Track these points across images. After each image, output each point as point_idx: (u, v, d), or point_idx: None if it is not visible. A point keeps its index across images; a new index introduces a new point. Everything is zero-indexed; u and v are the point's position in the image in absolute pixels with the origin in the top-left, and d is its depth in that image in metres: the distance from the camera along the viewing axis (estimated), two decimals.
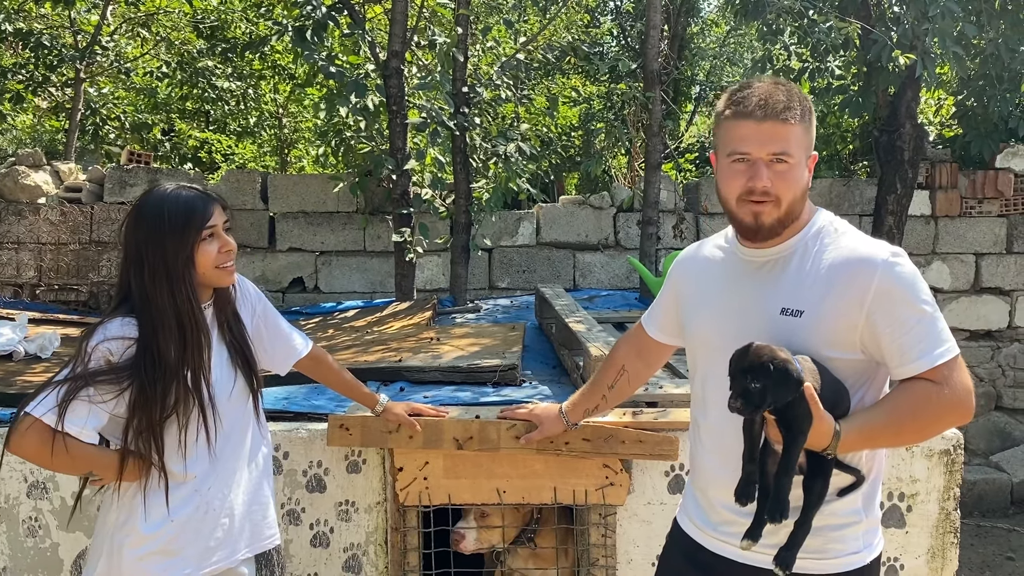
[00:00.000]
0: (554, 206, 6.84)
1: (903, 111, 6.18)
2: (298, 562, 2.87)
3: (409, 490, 2.79)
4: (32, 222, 6.31)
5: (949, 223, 7.04)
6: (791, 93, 1.76)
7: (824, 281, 1.75)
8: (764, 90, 1.75)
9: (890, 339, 1.71)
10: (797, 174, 1.75)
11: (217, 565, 2.17)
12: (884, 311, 1.70)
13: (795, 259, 1.80)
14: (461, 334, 4.27)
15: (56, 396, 1.94)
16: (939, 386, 1.69)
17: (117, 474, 2.05)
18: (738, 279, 1.88)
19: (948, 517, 2.87)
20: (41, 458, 1.99)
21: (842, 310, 1.72)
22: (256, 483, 2.27)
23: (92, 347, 1.99)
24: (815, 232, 1.81)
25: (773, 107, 1.72)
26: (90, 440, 2.00)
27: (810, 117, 1.78)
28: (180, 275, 2.03)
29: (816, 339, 1.73)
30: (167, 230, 2.01)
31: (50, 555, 2.86)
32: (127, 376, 1.98)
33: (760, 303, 1.81)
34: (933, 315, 1.71)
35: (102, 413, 1.99)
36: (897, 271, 1.71)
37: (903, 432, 1.75)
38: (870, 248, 1.75)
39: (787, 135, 1.72)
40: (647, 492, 2.83)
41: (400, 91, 5.19)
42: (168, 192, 2.08)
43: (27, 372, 3.74)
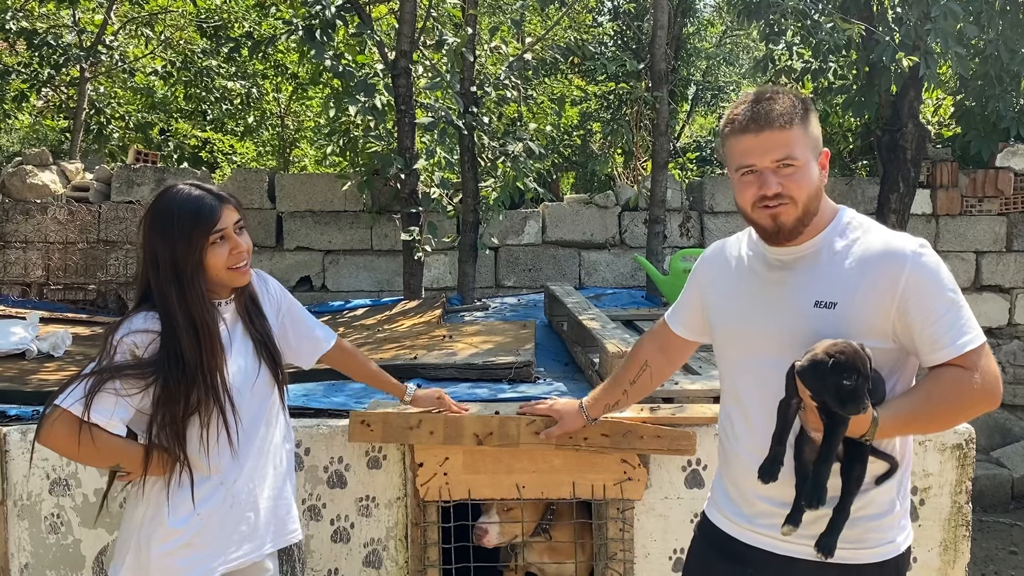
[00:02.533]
0: (560, 205, 6.88)
1: (905, 111, 6.23)
2: (319, 557, 2.89)
3: (429, 485, 2.81)
4: (40, 221, 6.32)
5: (950, 221, 7.09)
6: (785, 98, 1.81)
7: (856, 273, 1.79)
8: (758, 101, 1.81)
9: (921, 328, 1.76)
10: (806, 173, 1.80)
11: (243, 559, 2.19)
12: (915, 301, 1.75)
13: (824, 254, 1.85)
14: (473, 332, 4.30)
15: (84, 388, 1.97)
16: (969, 372, 1.74)
17: (143, 467, 2.07)
18: (768, 276, 1.92)
19: (960, 511, 2.91)
20: (69, 449, 2.01)
21: (875, 300, 1.77)
22: (281, 478, 2.29)
23: (118, 340, 2.02)
24: (842, 227, 1.86)
25: (768, 116, 1.78)
26: (117, 432, 2.02)
27: (810, 116, 1.83)
28: (189, 279, 2.04)
29: (850, 329, 1.77)
30: (176, 234, 2.02)
31: (72, 551, 2.88)
32: (152, 372, 2.01)
33: (793, 297, 1.85)
34: (960, 304, 1.77)
35: (128, 406, 2.02)
36: (925, 262, 1.76)
37: (936, 418, 1.81)
38: (899, 240, 1.81)
39: (787, 140, 1.78)
40: (664, 487, 2.86)
41: (408, 91, 5.22)
42: (178, 194, 2.08)
43: (41, 371, 3.76)
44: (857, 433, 1.73)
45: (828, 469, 1.75)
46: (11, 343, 4.03)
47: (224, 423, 2.09)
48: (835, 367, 1.68)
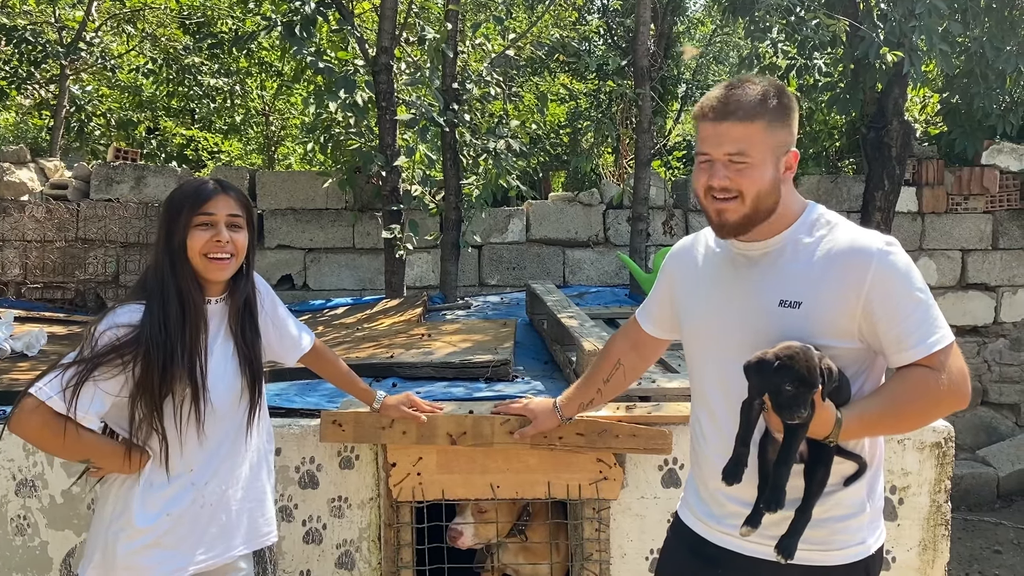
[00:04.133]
0: (544, 203, 6.84)
1: (890, 108, 6.22)
2: (291, 559, 2.85)
3: (402, 486, 2.78)
4: (17, 219, 6.25)
5: (936, 219, 7.08)
6: (758, 91, 1.75)
7: (820, 271, 1.76)
8: (727, 90, 1.77)
9: (887, 327, 1.72)
10: (759, 171, 1.76)
11: (213, 561, 2.17)
12: (881, 300, 1.72)
13: (788, 251, 1.81)
14: (452, 330, 4.27)
15: (61, 379, 1.95)
16: (936, 372, 1.71)
17: (114, 465, 2.04)
18: (734, 272, 1.89)
19: (939, 510, 2.88)
20: (42, 439, 1.99)
21: (839, 299, 1.74)
22: (254, 479, 2.26)
23: (100, 332, 2.00)
24: (808, 224, 1.82)
25: (727, 107, 1.74)
26: (91, 425, 2.01)
27: (782, 114, 1.77)
28: (177, 255, 2.06)
29: (815, 329, 1.74)
30: (172, 211, 2.09)
31: (39, 553, 2.84)
32: (131, 351, 1.99)
33: (758, 295, 1.82)
34: (928, 303, 1.73)
35: (106, 398, 1.99)
36: (892, 260, 1.73)
37: (903, 418, 1.77)
38: (865, 238, 1.77)
39: (743, 135, 1.73)
40: (641, 486, 2.83)
41: (389, 87, 5.18)
42: (191, 180, 2.18)
43: (13, 370, 3.70)
44: (820, 435, 1.70)
45: (787, 472, 1.72)
46: None
47: (195, 411, 2.06)
48: (779, 369, 1.65)
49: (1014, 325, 7.25)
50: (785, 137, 1.79)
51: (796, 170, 1.84)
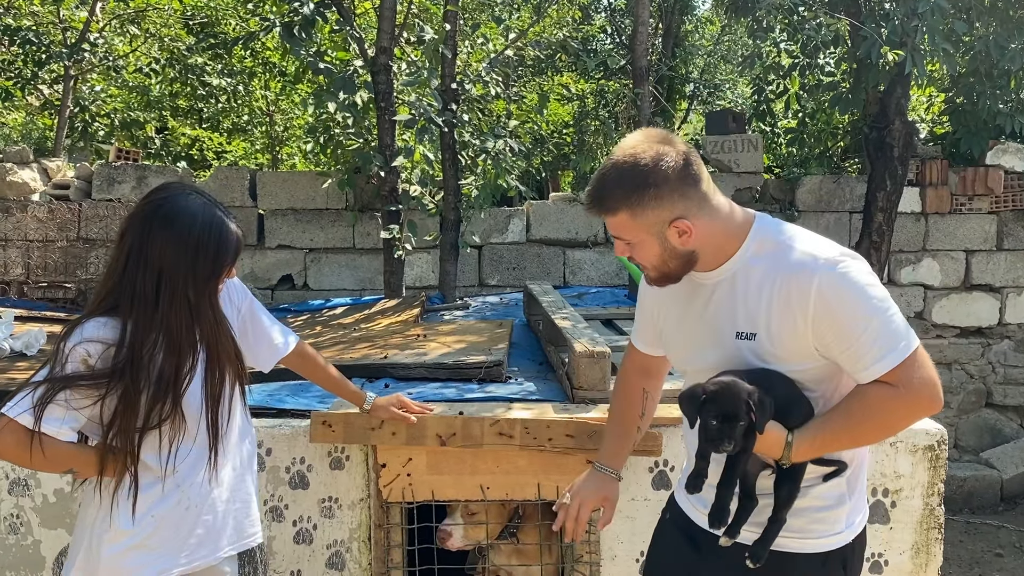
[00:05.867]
0: (544, 203, 6.83)
1: (893, 108, 6.18)
2: (281, 559, 2.86)
3: (392, 486, 2.78)
4: (19, 219, 6.28)
5: (939, 220, 7.04)
6: (613, 182, 1.72)
7: (768, 299, 1.74)
8: (595, 180, 1.78)
9: (840, 348, 1.71)
10: (643, 249, 1.79)
11: (198, 562, 2.16)
12: (828, 321, 1.69)
13: (739, 279, 1.80)
14: (448, 331, 4.26)
15: (32, 397, 1.92)
16: (895, 388, 1.68)
17: (96, 470, 2.04)
18: (696, 302, 1.89)
19: (932, 513, 2.87)
20: (19, 458, 1.97)
21: (789, 326, 1.72)
22: (239, 480, 2.25)
23: (70, 348, 1.96)
24: (754, 248, 1.79)
25: (592, 201, 1.77)
26: (68, 439, 1.99)
27: (639, 199, 1.71)
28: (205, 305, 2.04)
29: (773, 357, 1.75)
30: (199, 257, 2.00)
31: (32, 552, 2.85)
32: (105, 384, 1.96)
33: (718, 326, 1.83)
34: (883, 315, 1.68)
35: (79, 414, 1.98)
36: (835, 276, 1.69)
37: (860, 436, 1.77)
38: (809, 255, 1.73)
39: (612, 224, 1.77)
40: (631, 488, 2.82)
41: (388, 87, 5.18)
42: (200, 210, 2.03)
43: (11, 369, 3.72)
44: (771, 456, 1.72)
45: (729, 493, 1.75)
46: None
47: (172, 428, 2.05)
48: (705, 403, 1.69)
49: (1019, 326, 7.20)
50: (659, 215, 1.73)
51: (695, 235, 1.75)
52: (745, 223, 1.81)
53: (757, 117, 7.33)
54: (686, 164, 1.72)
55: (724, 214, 1.79)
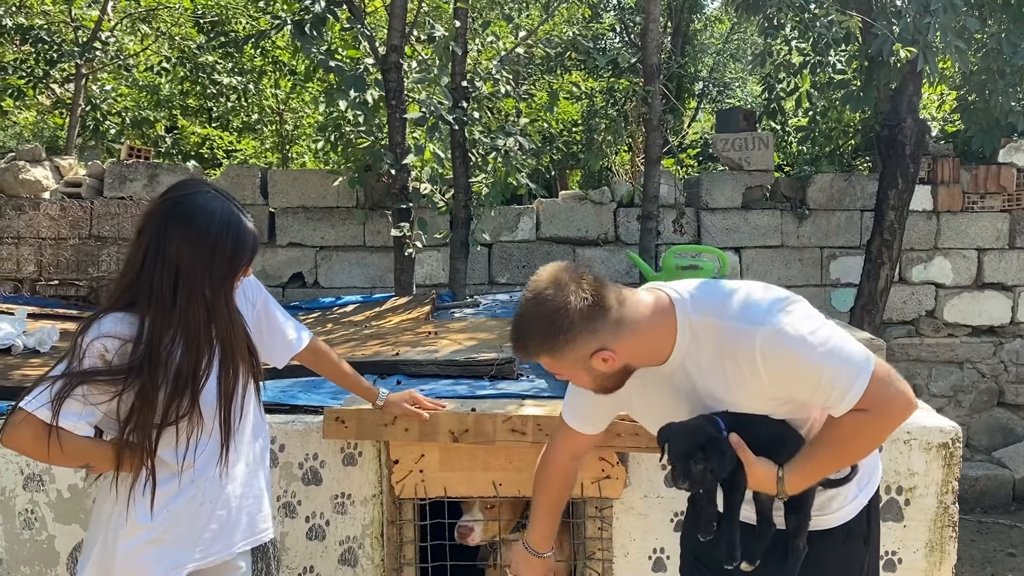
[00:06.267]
0: (554, 201, 6.83)
1: (904, 105, 6.15)
2: (294, 555, 2.86)
3: (405, 483, 2.78)
4: (32, 217, 6.31)
5: (951, 218, 7.01)
6: (527, 329, 1.77)
7: (722, 380, 1.80)
8: (514, 322, 1.81)
9: (804, 395, 1.78)
10: (578, 379, 1.88)
11: (213, 557, 2.17)
12: (783, 379, 1.76)
13: (689, 366, 1.84)
14: (459, 328, 4.27)
15: (50, 392, 1.93)
16: (865, 413, 1.74)
17: (113, 465, 2.05)
18: (659, 385, 1.93)
19: (947, 511, 2.85)
20: (36, 452, 1.98)
21: (751, 394, 1.79)
22: (252, 475, 2.26)
23: (87, 343, 1.98)
24: (688, 340, 1.81)
25: (514, 346, 1.83)
26: (85, 434, 2.00)
27: (552, 345, 1.76)
28: (220, 303, 2.05)
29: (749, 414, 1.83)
30: (216, 256, 2.01)
31: (46, 547, 2.86)
32: (123, 380, 1.97)
33: (688, 408, 1.89)
34: (830, 358, 1.72)
35: (96, 409, 1.99)
36: (773, 336, 1.72)
37: (846, 458, 1.86)
38: (740, 325, 1.75)
39: (541, 362, 1.83)
40: (643, 485, 2.82)
41: (399, 85, 5.18)
42: (217, 208, 2.04)
43: (25, 366, 3.74)
44: (767, 491, 1.81)
45: (733, 527, 1.83)
46: None
47: (190, 424, 2.06)
48: (680, 451, 1.80)
49: None
50: (577, 353, 1.78)
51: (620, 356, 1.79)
52: (667, 318, 1.82)
53: (768, 115, 7.31)
54: (591, 302, 1.73)
55: (644, 324, 1.79)
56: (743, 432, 1.79)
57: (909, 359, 6.86)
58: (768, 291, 1.81)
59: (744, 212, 6.80)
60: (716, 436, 1.76)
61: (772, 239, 6.85)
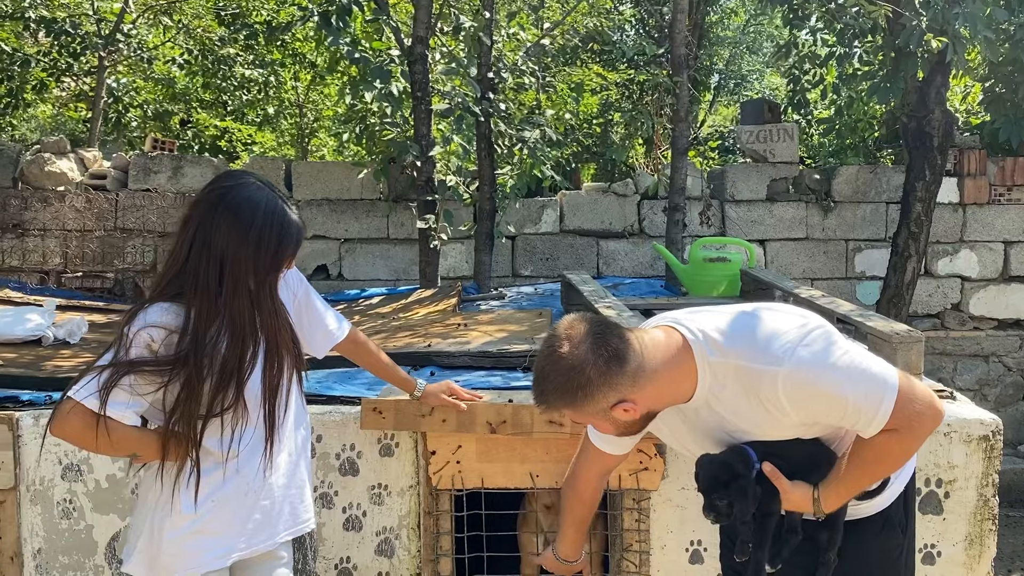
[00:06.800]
0: (577, 193, 6.81)
1: (932, 97, 6.09)
2: (331, 545, 2.87)
3: (442, 474, 2.78)
4: (57, 209, 6.34)
5: (977, 211, 6.95)
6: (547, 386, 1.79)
7: (748, 417, 1.81)
8: (534, 376, 1.84)
9: (832, 420, 1.80)
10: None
11: (257, 547, 2.18)
12: (809, 410, 1.77)
13: (714, 405, 1.85)
14: (488, 320, 4.26)
15: (98, 381, 1.94)
16: (896, 432, 1.76)
17: (158, 454, 2.05)
18: (686, 418, 1.94)
19: (986, 504, 2.84)
20: (85, 441, 1.99)
21: (776, 424, 1.80)
22: (294, 466, 2.26)
23: (134, 333, 1.98)
24: (710, 381, 1.81)
25: (536, 400, 1.84)
26: (132, 423, 2.01)
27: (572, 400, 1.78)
28: (265, 295, 2.06)
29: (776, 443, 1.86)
30: (260, 249, 2.01)
31: (84, 537, 2.88)
32: (169, 370, 1.97)
33: (717, 439, 1.91)
34: (854, 385, 1.73)
35: (143, 399, 2.00)
36: (793, 371, 1.72)
37: (878, 475, 1.89)
38: (759, 364, 1.75)
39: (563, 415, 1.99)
40: (681, 477, 2.81)
41: (424, 77, 5.17)
42: (263, 200, 2.04)
43: (56, 357, 3.76)
44: (805, 512, 1.85)
45: (763, 555, 1.88)
46: (27, 329, 4.04)
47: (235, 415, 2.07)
48: (705, 485, 1.88)
49: None
50: (597, 406, 1.79)
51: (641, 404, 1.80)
52: (685, 359, 1.81)
53: (793, 107, 7.26)
54: (607, 356, 1.74)
55: (663, 370, 1.79)
56: (775, 460, 1.82)
57: (934, 352, 6.81)
58: (787, 321, 1.79)
59: (769, 204, 6.76)
60: (740, 474, 1.79)
61: (797, 231, 6.81)
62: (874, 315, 3.50)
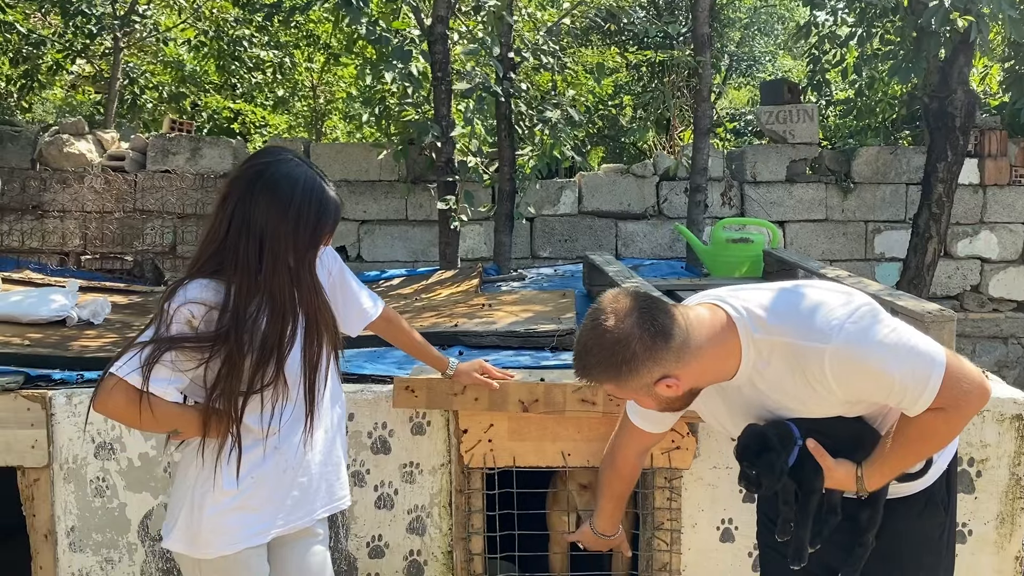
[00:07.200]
0: (596, 175, 6.78)
1: (955, 76, 6.04)
2: (362, 523, 2.87)
3: (474, 452, 2.78)
4: (76, 190, 6.35)
5: (998, 192, 6.91)
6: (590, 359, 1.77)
7: (792, 394, 1.80)
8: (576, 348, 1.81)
9: (878, 398, 1.79)
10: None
11: (295, 524, 2.18)
12: (855, 389, 1.76)
13: (757, 382, 1.84)
14: (512, 301, 4.25)
15: (140, 357, 1.94)
16: (942, 411, 1.74)
17: (199, 431, 2.06)
18: (727, 397, 1.94)
19: (1018, 483, 2.82)
20: (127, 417, 1.99)
21: (821, 401, 1.79)
22: (330, 443, 2.27)
23: (174, 309, 1.98)
24: (754, 358, 1.80)
25: (577, 372, 1.82)
26: (174, 399, 2.01)
27: (616, 374, 1.76)
28: (304, 272, 2.05)
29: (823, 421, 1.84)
30: (299, 227, 2.01)
31: (117, 515, 2.88)
32: (210, 347, 1.97)
33: (769, 416, 1.88)
34: (901, 363, 1.70)
35: (184, 376, 2.00)
36: (840, 350, 1.70)
37: (922, 454, 1.87)
38: (805, 341, 1.74)
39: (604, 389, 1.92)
40: (713, 456, 2.80)
41: (445, 57, 5.15)
42: (302, 176, 2.04)
43: (81, 337, 3.76)
44: (848, 490, 1.83)
45: (805, 533, 1.85)
46: (52, 310, 4.03)
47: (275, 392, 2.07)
48: (738, 452, 1.85)
49: None
50: (641, 382, 1.77)
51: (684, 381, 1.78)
52: (730, 337, 1.79)
53: (813, 88, 7.21)
54: (654, 331, 1.72)
55: (708, 347, 1.77)
56: (820, 437, 1.80)
57: None
58: (832, 298, 1.77)
59: (788, 185, 6.73)
60: (772, 448, 1.78)
61: (816, 213, 6.78)
62: (904, 294, 3.49)
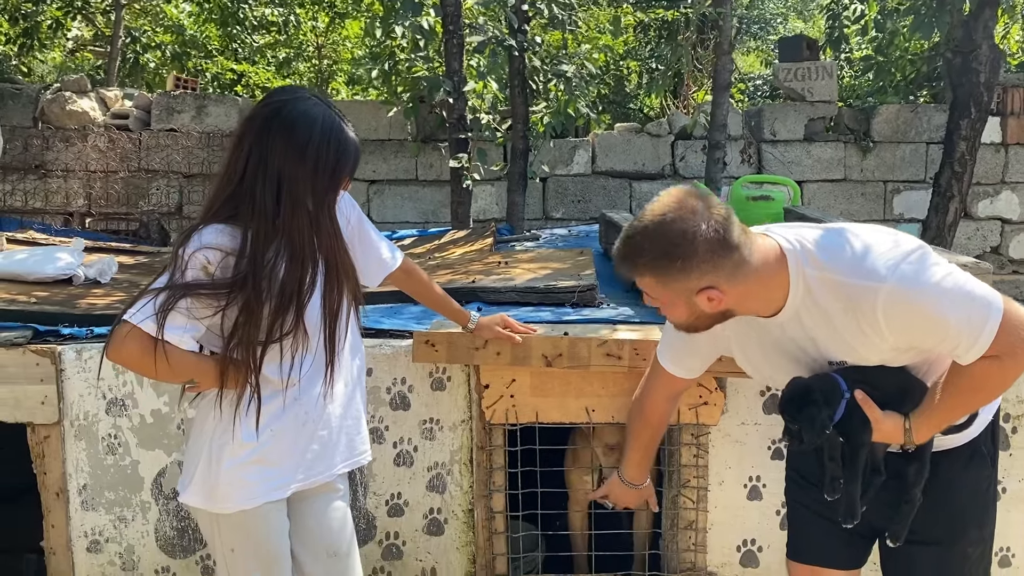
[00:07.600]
0: (610, 134, 6.66)
1: (980, 31, 5.88)
2: (381, 480, 2.81)
3: (495, 408, 2.70)
4: (80, 149, 6.24)
5: (1020, 151, 6.78)
6: (640, 246, 1.67)
7: (840, 334, 1.74)
8: (622, 240, 1.72)
9: (929, 346, 1.71)
10: (671, 311, 1.78)
11: (315, 479, 2.11)
12: (907, 333, 1.68)
13: (804, 320, 1.76)
14: (528, 259, 4.16)
15: (154, 304, 1.85)
16: (996, 359, 1.65)
17: (216, 382, 1.98)
18: (770, 333, 1.86)
19: None
20: (142, 366, 1.91)
21: (873, 348, 1.72)
22: (350, 396, 2.19)
23: (189, 255, 1.88)
24: (802, 294, 1.72)
25: (619, 258, 1.74)
26: (189, 348, 1.92)
27: (665, 269, 1.67)
28: (324, 216, 1.96)
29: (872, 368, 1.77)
30: (318, 169, 1.91)
31: (130, 472, 2.83)
32: (226, 294, 1.88)
33: (804, 361, 1.83)
34: (957, 306, 1.62)
35: (200, 323, 1.91)
36: (894, 291, 1.63)
37: (973, 405, 1.79)
38: (857, 280, 1.67)
39: (640, 283, 1.74)
40: (741, 412, 2.73)
41: (457, 10, 5.01)
42: (320, 116, 1.94)
43: (88, 295, 3.68)
44: (896, 443, 1.77)
45: (856, 489, 1.81)
46: (58, 268, 3.96)
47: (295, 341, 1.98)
48: (780, 405, 1.80)
49: None
50: (687, 284, 1.68)
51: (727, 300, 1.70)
52: (779, 268, 1.72)
53: (831, 45, 7.05)
54: (721, 235, 1.64)
55: (762, 271, 1.70)
56: (867, 388, 1.75)
57: None
58: (888, 240, 1.71)
59: (806, 144, 6.60)
60: (814, 401, 1.73)
61: (835, 172, 6.65)
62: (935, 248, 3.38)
